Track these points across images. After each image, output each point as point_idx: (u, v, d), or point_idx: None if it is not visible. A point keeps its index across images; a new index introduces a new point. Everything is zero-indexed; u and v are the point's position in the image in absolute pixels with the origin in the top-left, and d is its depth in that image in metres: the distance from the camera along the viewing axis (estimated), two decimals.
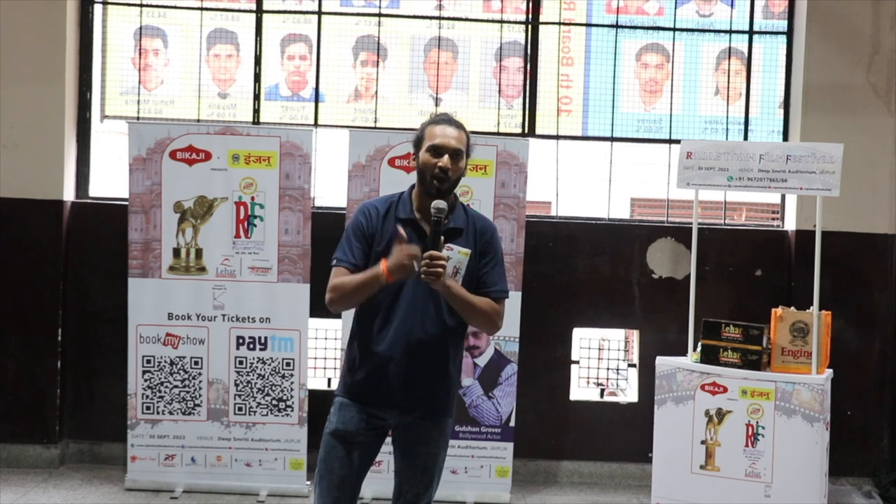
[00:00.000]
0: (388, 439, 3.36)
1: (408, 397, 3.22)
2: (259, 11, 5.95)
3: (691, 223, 5.18)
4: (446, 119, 3.27)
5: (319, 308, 3.82)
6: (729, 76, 6.08)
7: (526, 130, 6.01)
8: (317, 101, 5.97)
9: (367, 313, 3.24)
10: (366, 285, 3.12)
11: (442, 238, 3.11)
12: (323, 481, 3.24)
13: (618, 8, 6.04)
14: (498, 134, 5.93)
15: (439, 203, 3.10)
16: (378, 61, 5.99)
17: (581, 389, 6.07)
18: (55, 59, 5.68)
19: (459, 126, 3.26)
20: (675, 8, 6.05)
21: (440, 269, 3.02)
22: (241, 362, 5.34)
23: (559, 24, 6.04)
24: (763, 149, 4.89)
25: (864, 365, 5.85)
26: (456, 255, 3.18)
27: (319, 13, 5.97)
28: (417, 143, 3.26)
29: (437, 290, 3.11)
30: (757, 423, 4.65)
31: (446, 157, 3.18)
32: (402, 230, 3.10)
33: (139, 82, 5.94)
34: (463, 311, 3.19)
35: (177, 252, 5.31)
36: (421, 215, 3.22)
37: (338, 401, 3.29)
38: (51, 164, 5.69)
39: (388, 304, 3.20)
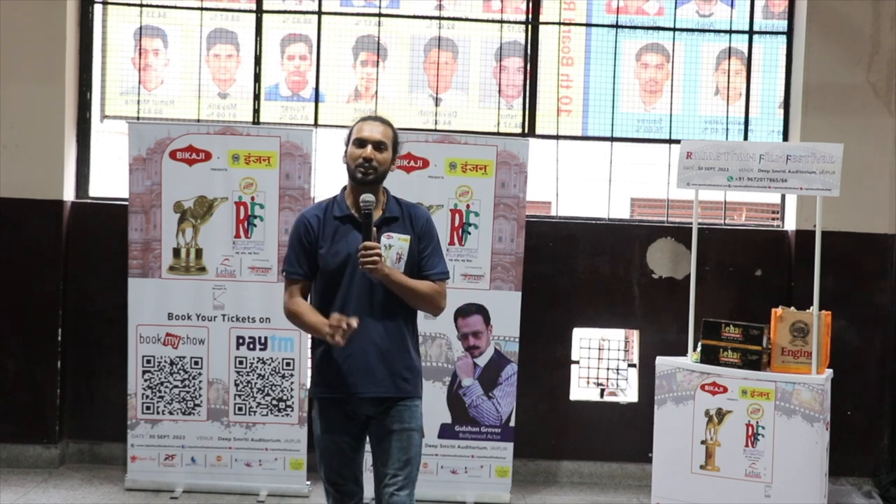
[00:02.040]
0: None
1: (373, 383, 3.36)
2: (259, 11, 5.95)
3: (691, 223, 5.18)
4: (372, 117, 3.52)
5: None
6: (729, 76, 6.08)
7: (526, 130, 6.01)
8: (317, 101, 5.97)
9: (322, 311, 3.39)
10: (310, 331, 3.42)
11: (375, 229, 3.32)
12: (327, 473, 3.50)
13: (618, 8, 6.04)
14: (498, 134, 5.93)
15: (367, 196, 3.30)
16: (378, 61, 5.99)
17: (581, 389, 6.07)
18: (55, 59, 5.68)
19: (385, 122, 3.50)
20: (675, 8, 6.05)
21: (376, 258, 3.23)
22: (241, 362, 5.34)
23: (559, 24, 6.04)
24: (763, 149, 4.89)
25: (864, 365, 5.84)
26: (397, 243, 3.38)
27: (319, 13, 5.97)
28: (347, 141, 3.48)
29: (378, 279, 3.30)
30: (757, 423, 4.65)
31: (369, 147, 3.38)
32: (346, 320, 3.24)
33: (139, 82, 5.94)
34: (405, 295, 3.37)
35: (177, 252, 5.32)
36: (356, 211, 3.38)
37: (316, 405, 3.49)
38: (51, 164, 5.69)
39: (341, 300, 3.36)
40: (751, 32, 6.06)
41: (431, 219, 3.53)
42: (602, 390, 6.06)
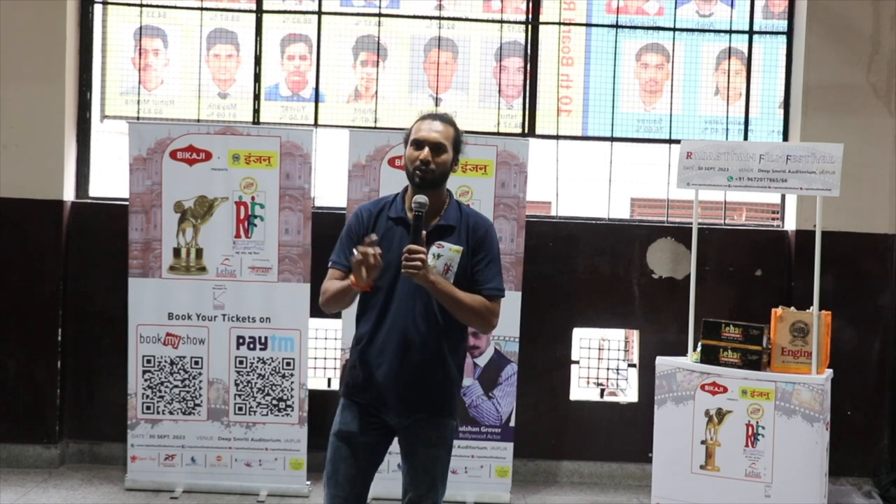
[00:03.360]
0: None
1: (401, 398, 3.21)
2: (259, 11, 5.96)
3: (691, 223, 5.18)
4: (433, 115, 3.31)
5: (319, 308, 3.81)
6: (729, 76, 6.08)
7: (526, 130, 6.01)
8: (317, 101, 5.97)
9: (363, 314, 3.28)
10: (341, 293, 3.19)
11: (424, 233, 3.12)
12: (330, 481, 3.27)
13: (618, 8, 6.04)
14: (498, 134, 5.93)
15: (420, 198, 3.12)
16: (378, 61, 5.99)
17: (581, 389, 6.07)
18: (55, 59, 5.68)
19: (446, 121, 3.28)
20: (675, 8, 6.05)
21: (418, 263, 3.03)
22: (241, 362, 5.34)
23: (559, 24, 6.04)
24: (763, 149, 4.89)
25: (864, 365, 5.84)
26: (447, 253, 3.18)
27: (319, 13, 5.97)
28: (406, 140, 3.31)
29: (423, 286, 3.11)
30: (757, 423, 4.65)
31: (426, 149, 3.19)
32: (369, 238, 3.08)
33: (139, 82, 5.94)
34: (451, 307, 3.17)
35: (177, 252, 5.32)
36: (411, 213, 3.20)
37: (341, 402, 3.33)
38: (51, 164, 5.69)
39: (382, 305, 3.21)
40: (751, 32, 6.06)
41: (493, 231, 3.33)
42: (602, 390, 6.06)
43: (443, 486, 3.34)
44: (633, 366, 6.00)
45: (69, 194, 5.79)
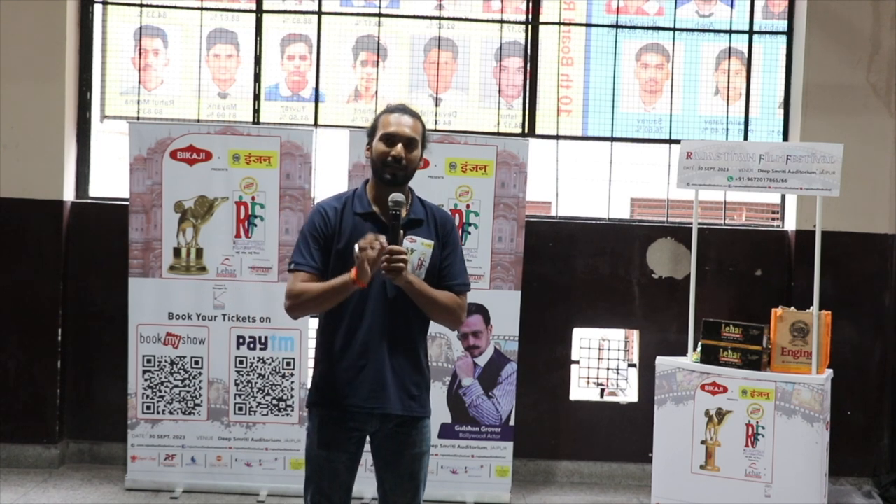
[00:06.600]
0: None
1: (389, 399, 3.12)
2: (259, 11, 5.96)
3: (691, 223, 5.18)
4: (401, 108, 3.19)
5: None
6: (729, 76, 6.08)
7: (526, 130, 6.01)
8: (317, 101, 5.97)
9: (333, 319, 3.15)
10: (336, 292, 3.04)
11: (402, 232, 3.05)
12: (312, 492, 3.20)
13: (618, 8, 6.04)
14: (498, 134, 5.94)
15: (397, 196, 3.03)
16: (378, 61, 5.99)
17: (581, 389, 6.07)
18: (55, 59, 5.68)
19: (415, 115, 3.18)
20: (675, 8, 6.05)
21: (401, 265, 2.96)
22: (241, 362, 5.34)
23: (559, 24, 6.04)
24: (763, 149, 4.89)
25: (864, 365, 5.85)
26: (420, 247, 3.11)
27: (319, 13, 5.97)
28: (371, 132, 3.19)
29: (399, 286, 3.03)
30: (757, 423, 4.65)
31: (400, 145, 3.09)
32: (371, 235, 2.98)
33: (139, 82, 5.94)
34: (425, 306, 3.11)
35: (177, 252, 5.32)
36: (378, 208, 3.13)
37: (316, 416, 3.20)
38: (51, 164, 5.69)
39: (355, 307, 3.10)
40: (751, 32, 6.07)
41: (455, 225, 3.28)
42: (602, 390, 6.06)
43: (423, 488, 3.26)
44: (633, 366, 6.00)
45: (69, 194, 5.79)
